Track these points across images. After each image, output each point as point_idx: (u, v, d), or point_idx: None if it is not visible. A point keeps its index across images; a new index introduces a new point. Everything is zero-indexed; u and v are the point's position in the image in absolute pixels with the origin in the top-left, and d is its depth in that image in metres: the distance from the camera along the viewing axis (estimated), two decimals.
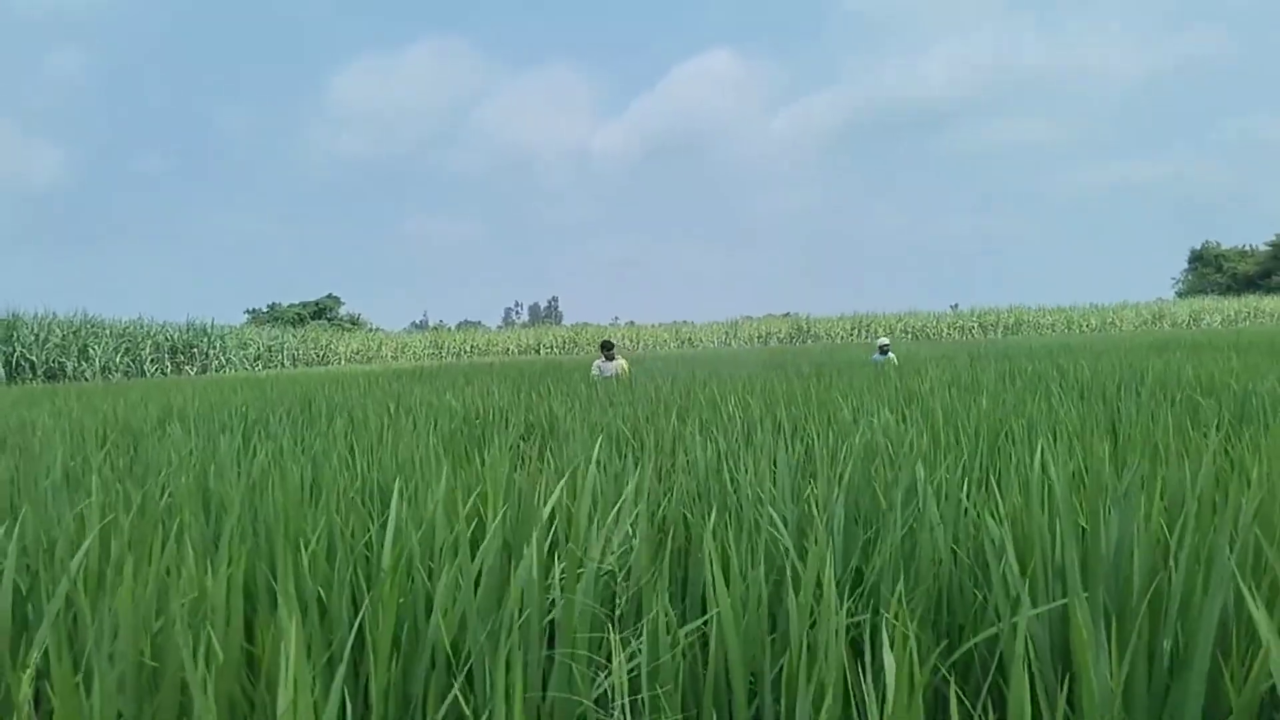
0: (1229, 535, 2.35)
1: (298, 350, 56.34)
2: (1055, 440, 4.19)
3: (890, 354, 15.85)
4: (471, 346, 66.03)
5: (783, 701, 2.03)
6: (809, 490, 3.23)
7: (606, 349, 12.82)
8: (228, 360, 49.35)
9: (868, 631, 2.45)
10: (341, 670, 1.86)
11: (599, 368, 12.56)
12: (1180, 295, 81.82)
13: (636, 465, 4.45)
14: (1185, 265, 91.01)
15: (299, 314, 79.41)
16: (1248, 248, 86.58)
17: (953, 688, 1.61)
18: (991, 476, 3.35)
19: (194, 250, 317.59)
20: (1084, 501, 2.52)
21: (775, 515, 2.70)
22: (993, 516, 2.73)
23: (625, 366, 12.59)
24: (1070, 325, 65.20)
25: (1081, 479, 3.23)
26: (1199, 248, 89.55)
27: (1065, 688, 1.99)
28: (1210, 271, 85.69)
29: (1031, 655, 2.09)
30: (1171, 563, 2.12)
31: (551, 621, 2.30)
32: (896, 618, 2.01)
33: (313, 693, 1.82)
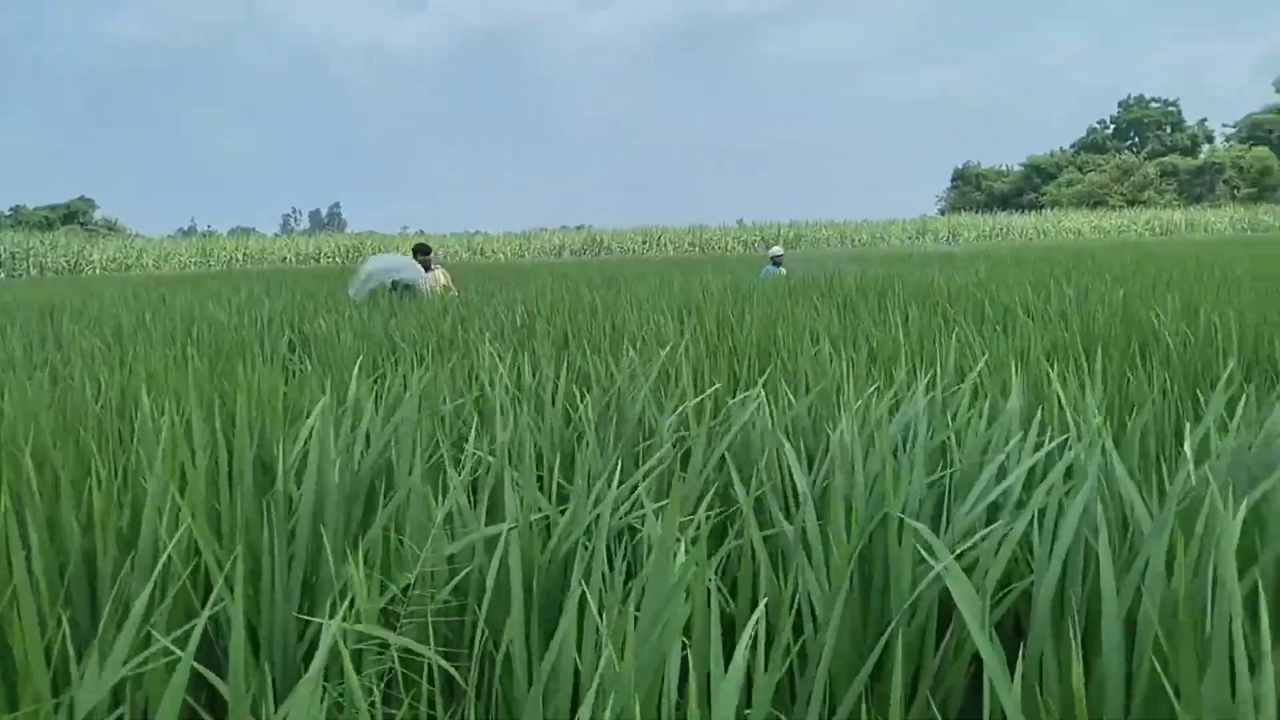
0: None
1: (46, 258, 51.28)
2: (815, 344, 4.41)
3: (782, 267, 13.23)
4: (245, 254, 61.90)
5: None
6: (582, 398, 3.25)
7: (421, 253, 10.15)
8: None
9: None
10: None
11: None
12: (942, 212, 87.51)
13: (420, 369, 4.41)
14: (949, 183, 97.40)
15: (47, 218, 72.07)
16: (1004, 167, 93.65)
17: (714, 580, 1.68)
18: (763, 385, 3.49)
19: None
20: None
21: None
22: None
23: (442, 278, 10.11)
24: (844, 239, 68.72)
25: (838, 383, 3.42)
26: (961, 166, 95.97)
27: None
28: (970, 189, 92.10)
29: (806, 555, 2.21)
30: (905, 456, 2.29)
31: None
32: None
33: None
